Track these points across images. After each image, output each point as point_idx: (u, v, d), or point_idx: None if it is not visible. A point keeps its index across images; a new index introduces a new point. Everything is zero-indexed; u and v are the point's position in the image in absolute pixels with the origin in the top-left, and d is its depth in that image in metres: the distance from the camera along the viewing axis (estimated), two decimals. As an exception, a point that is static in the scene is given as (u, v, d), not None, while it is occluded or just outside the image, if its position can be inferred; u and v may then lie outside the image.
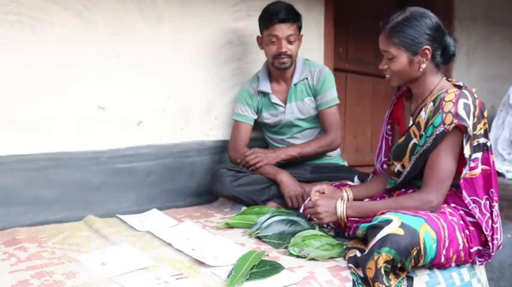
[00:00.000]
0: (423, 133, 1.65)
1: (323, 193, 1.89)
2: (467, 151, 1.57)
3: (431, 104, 1.65)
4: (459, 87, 1.67)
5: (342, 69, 3.37)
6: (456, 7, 3.67)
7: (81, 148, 2.20)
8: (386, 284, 1.42)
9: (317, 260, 1.61)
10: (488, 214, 1.63)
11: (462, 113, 1.55)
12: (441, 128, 1.58)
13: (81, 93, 2.20)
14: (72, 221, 2.08)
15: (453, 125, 1.55)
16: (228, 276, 1.44)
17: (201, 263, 1.56)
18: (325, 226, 1.86)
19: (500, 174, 3.13)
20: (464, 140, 1.57)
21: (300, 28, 2.37)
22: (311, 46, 2.91)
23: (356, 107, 3.55)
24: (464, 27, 3.73)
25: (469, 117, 1.56)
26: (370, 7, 3.45)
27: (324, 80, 2.40)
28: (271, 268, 1.49)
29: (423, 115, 1.67)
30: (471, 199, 1.63)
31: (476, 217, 1.61)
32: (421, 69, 1.66)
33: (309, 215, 1.86)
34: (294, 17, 2.31)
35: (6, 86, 2.02)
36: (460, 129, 1.57)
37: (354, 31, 3.43)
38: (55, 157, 2.12)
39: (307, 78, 2.42)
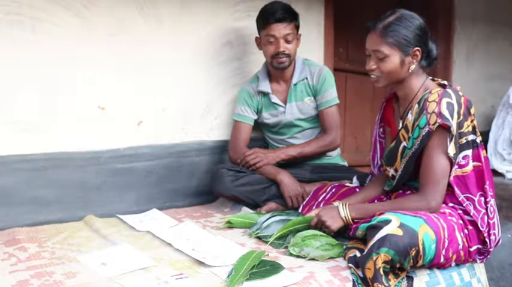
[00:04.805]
0: (411, 135, 1.66)
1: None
2: (451, 149, 1.57)
3: (417, 105, 1.66)
4: (444, 86, 1.68)
5: (342, 69, 3.36)
6: (456, 7, 3.66)
7: (81, 148, 2.20)
8: (386, 284, 1.42)
9: (317, 260, 1.61)
10: (484, 210, 1.62)
11: (445, 112, 1.56)
12: (427, 129, 1.59)
13: (81, 93, 2.20)
14: (72, 221, 2.08)
15: (437, 124, 1.56)
16: (228, 276, 1.44)
17: (201, 263, 1.56)
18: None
19: (500, 174, 3.13)
20: (448, 139, 1.57)
21: (297, 27, 2.37)
22: (311, 46, 2.91)
23: (356, 107, 3.54)
24: (464, 27, 3.73)
25: (452, 117, 1.56)
26: (370, 7, 3.44)
27: (324, 79, 2.40)
28: (271, 268, 1.49)
29: (410, 118, 1.67)
30: (464, 197, 1.63)
31: (471, 214, 1.61)
32: (409, 71, 1.66)
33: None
34: (290, 17, 2.31)
35: (6, 86, 2.03)
36: (445, 128, 1.57)
37: (354, 31, 3.42)
38: (55, 157, 2.12)
39: (306, 78, 2.42)
